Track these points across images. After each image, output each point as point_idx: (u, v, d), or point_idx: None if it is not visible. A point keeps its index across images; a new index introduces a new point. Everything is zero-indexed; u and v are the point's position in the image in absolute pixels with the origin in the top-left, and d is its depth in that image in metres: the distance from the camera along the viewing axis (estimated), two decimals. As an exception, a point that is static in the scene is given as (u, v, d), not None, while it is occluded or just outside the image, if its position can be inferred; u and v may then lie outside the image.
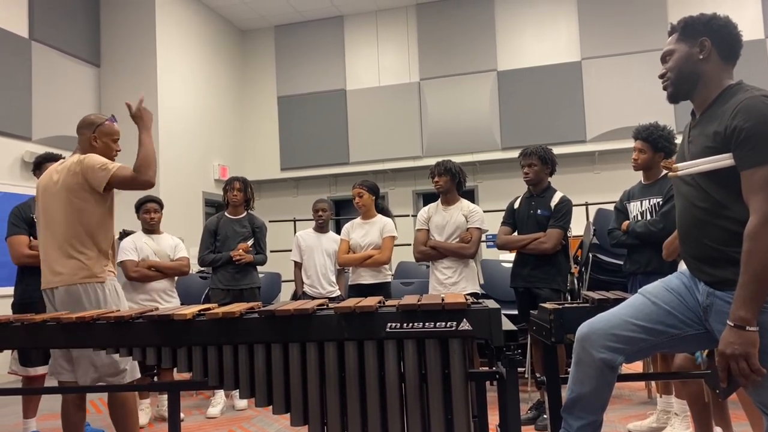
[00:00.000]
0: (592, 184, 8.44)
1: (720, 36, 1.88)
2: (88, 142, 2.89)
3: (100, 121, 2.93)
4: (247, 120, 9.88)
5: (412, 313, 1.94)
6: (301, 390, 1.99)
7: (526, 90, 8.70)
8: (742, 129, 1.71)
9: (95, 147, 2.89)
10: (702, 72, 1.90)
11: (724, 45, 1.89)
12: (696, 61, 1.90)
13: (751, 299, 1.65)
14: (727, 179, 1.77)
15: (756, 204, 1.68)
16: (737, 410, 3.12)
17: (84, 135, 2.90)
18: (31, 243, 3.55)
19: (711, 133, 1.82)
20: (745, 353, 1.65)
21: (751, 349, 1.65)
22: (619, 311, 1.96)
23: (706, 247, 1.84)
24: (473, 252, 3.92)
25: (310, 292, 4.68)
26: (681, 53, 1.93)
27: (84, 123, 2.92)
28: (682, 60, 1.93)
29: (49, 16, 7.09)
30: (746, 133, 1.71)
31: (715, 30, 1.89)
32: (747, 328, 1.65)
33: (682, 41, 1.94)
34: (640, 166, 3.45)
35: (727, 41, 1.89)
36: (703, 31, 1.90)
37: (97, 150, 2.89)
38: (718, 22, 1.89)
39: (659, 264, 3.22)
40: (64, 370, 2.76)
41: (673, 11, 8.18)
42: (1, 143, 6.40)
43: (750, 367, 1.65)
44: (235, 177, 4.67)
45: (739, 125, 1.72)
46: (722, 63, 1.90)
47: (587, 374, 1.93)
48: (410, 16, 9.31)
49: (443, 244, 3.97)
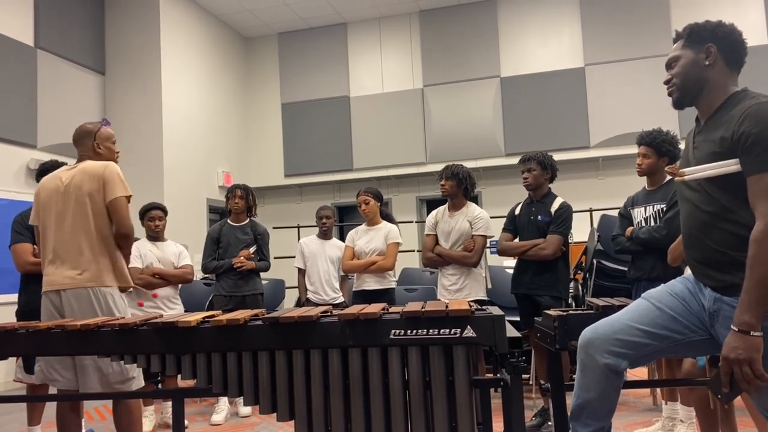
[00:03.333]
0: (596, 190, 8.43)
1: (726, 43, 1.89)
2: (92, 150, 2.92)
3: (96, 128, 2.96)
4: (251, 127, 9.91)
5: (416, 320, 1.93)
6: (305, 397, 1.99)
7: (530, 96, 8.71)
8: (749, 134, 1.72)
9: (100, 154, 2.92)
10: (708, 78, 1.90)
11: (730, 52, 1.89)
12: (702, 67, 1.91)
13: (756, 304, 1.65)
14: (733, 184, 1.77)
15: (762, 209, 1.68)
16: (744, 417, 3.11)
17: (85, 145, 2.92)
18: (35, 251, 3.55)
19: (717, 138, 1.82)
20: (749, 358, 1.64)
21: (755, 354, 1.64)
22: (623, 316, 1.96)
23: (711, 250, 1.83)
24: (475, 261, 3.91)
25: (314, 298, 4.68)
26: (687, 59, 1.94)
27: (82, 133, 2.94)
28: (688, 66, 1.93)
29: (55, 24, 7.13)
30: (753, 138, 1.71)
31: (720, 37, 1.89)
32: (751, 333, 1.65)
33: (687, 47, 1.95)
34: (644, 171, 3.44)
35: (732, 48, 1.89)
36: (709, 38, 1.90)
37: (103, 156, 2.92)
38: (724, 29, 1.90)
39: (663, 270, 3.21)
40: (60, 377, 2.75)
41: (676, 18, 8.18)
42: (7, 151, 6.43)
43: (753, 372, 1.64)
44: (236, 184, 4.69)
45: (747, 131, 1.72)
46: (727, 70, 1.90)
47: (592, 380, 1.92)
48: (413, 22, 9.34)
49: (447, 252, 3.96)
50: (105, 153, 2.94)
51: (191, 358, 2.10)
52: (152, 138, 7.72)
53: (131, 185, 2.96)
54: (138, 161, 7.64)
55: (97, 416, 4.61)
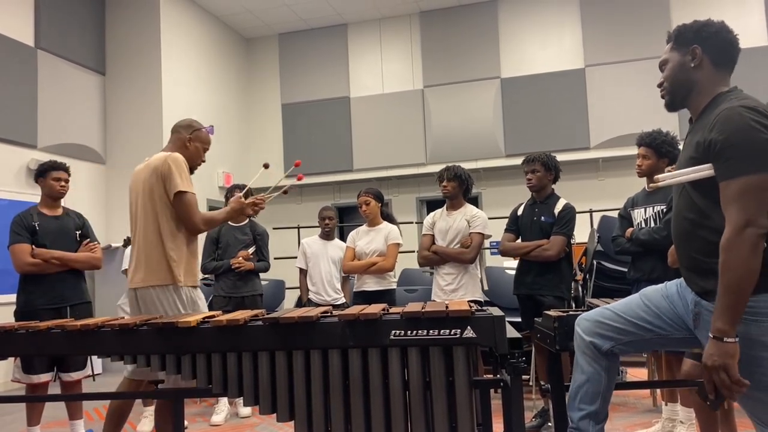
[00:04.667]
0: (596, 191, 8.43)
1: (711, 43, 1.88)
2: (182, 141, 2.93)
3: (199, 126, 2.97)
4: (252, 127, 9.91)
5: (416, 320, 1.93)
6: (305, 397, 1.99)
7: (530, 97, 8.71)
8: (717, 141, 1.71)
9: (187, 148, 2.93)
10: (695, 80, 1.90)
11: (716, 51, 1.88)
12: (688, 69, 1.90)
13: (728, 310, 1.65)
14: (709, 189, 1.77)
15: (731, 216, 1.68)
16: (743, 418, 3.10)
17: (180, 135, 2.93)
18: (33, 251, 3.56)
19: (695, 143, 1.83)
20: (724, 365, 1.64)
21: (729, 360, 1.64)
22: (613, 305, 2.09)
23: (693, 258, 1.85)
24: (472, 257, 3.90)
25: (315, 299, 4.68)
26: (674, 62, 1.94)
27: (183, 123, 2.96)
28: (675, 69, 1.94)
29: (55, 24, 7.13)
30: (720, 145, 1.71)
31: (704, 37, 1.88)
32: (725, 340, 1.65)
33: (675, 50, 1.95)
34: (644, 172, 3.44)
35: (718, 47, 1.88)
36: (694, 39, 1.89)
37: (188, 152, 2.92)
38: (709, 29, 1.88)
39: (663, 271, 3.20)
40: None
41: (676, 19, 8.18)
42: (7, 151, 6.43)
43: (730, 379, 1.64)
44: (236, 185, 4.69)
45: (715, 137, 1.72)
46: (715, 70, 1.89)
47: (584, 361, 2.04)
48: (414, 23, 9.34)
49: (443, 249, 3.97)
50: (192, 150, 2.94)
51: (191, 359, 2.10)
52: (152, 138, 7.72)
53: (131, 185, 2.95)
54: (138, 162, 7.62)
55: (96, 417, 4.61)
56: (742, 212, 1.65)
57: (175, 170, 2.75)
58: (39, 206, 3.72)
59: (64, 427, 4.26)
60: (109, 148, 7.83)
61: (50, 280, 3.58)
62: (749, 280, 1.63)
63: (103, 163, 7.76)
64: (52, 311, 3.52)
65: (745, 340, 1.67)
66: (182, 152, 2.89)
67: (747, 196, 1.65)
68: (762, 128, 1.66)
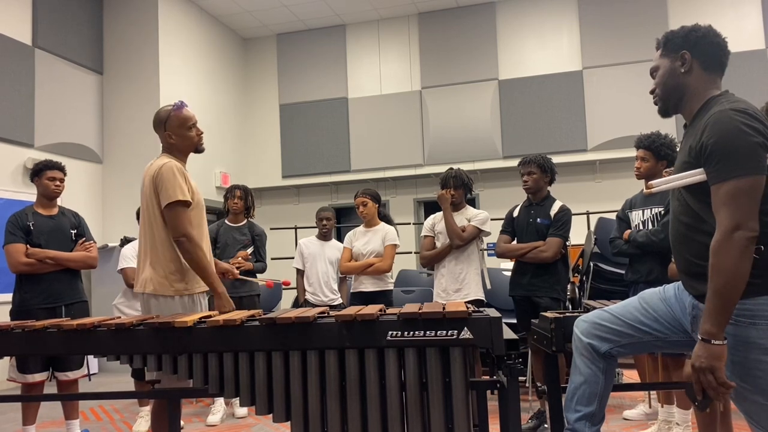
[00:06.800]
0: (593, 193, 8.44)
1: (699, 48, 1.88)
2: (165, 140, 2.77)
3: (166, 114, 2.76)
4: (249, 128, 9.90)
5: (413, 321, 1.93)
6: (302, 398, 1.99)
7: (528, 99, 8.72)
8: (707, 145, 1.72)
9: (174, 144, 2.77)
10: (686, 85, 1.91)
11: (705, 56, 1.89)
12: (678, 74, 1.91)
13: (717, 313, 1.65)
14: (704, 193, 1.78)
15: (720, 219, 1.68)
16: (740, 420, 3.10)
17: (160, 134, 2.78)
18: (28, 251, 3.55)
19: (688, 147, 1.84)
20: (710, 366, 1.65)
21: (716, 362, 1.64)
22: (612, 308, 2.09)
23: (689, 262, 1.86)
24: (461, 240, 3.90)
25: (312, 299, 4.67)
26: (664, 69, 1.95)
27: (155, 122, 2.79)
28: (666, 75, 1.95)
29: (53, 23, 7.12)
30: (711, 148, 1.71)
31: (693, 42, 1.89)
32: (713, 342, 1.65)
33: (665, 56, 1.96)
34: (642, 174, 3.45)
35: (707, 52, 1.88)
36: (682, 45, 1.90)
37: (176, 146, 2.77)
38: (696, 34, 1.89)
39: (661, 273, 3.21)
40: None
41: (674, 22, 8.20)
42: (4, 150, 6.41)
43: (716, 380, 1.65)
44: (236, 185, 4.68)
45: (705, 141, 1.73)
46: (705, 74, 1.89)
47: (581, 362, 2.05)
48: (412, 24, 9.35)
49: (441, 248, 3.98)
50: (178, 143, 2.76)
51: (188, 359, 2.09)
52: (149, 138, 7.69)
53: (130, 185, 2.93)
54: (135, 161, 7.61)
55: (92, 417, 4.60)
56: (732, 215, 1.65)
57: (163, 182, 2.62)
58: (34, 206, 3.71)
59: (59, 426, 4.24)
60: (106, 147, 7.82)
61: (46, 280, 3.57)
62: (739, 283, 1.63)
63: (100, 162, 7.74)
64: (48, 311, 3.52)
65: (743, 343, 1.67)
66: (172, 150, 2.77)
67: (737, 199, 1.65)
68: (752, 131, 1.67)
